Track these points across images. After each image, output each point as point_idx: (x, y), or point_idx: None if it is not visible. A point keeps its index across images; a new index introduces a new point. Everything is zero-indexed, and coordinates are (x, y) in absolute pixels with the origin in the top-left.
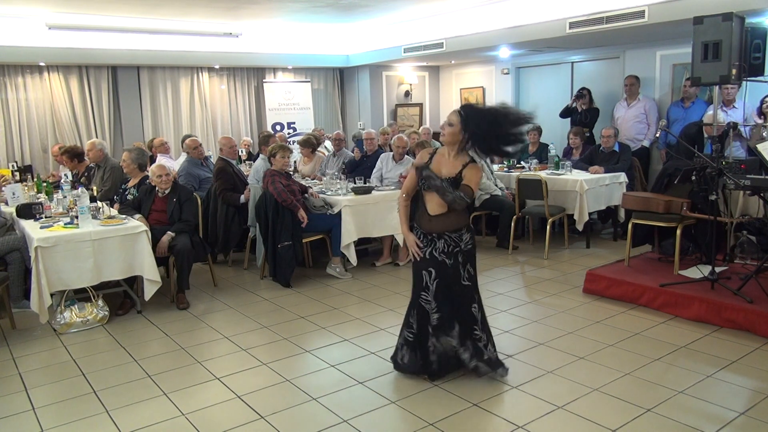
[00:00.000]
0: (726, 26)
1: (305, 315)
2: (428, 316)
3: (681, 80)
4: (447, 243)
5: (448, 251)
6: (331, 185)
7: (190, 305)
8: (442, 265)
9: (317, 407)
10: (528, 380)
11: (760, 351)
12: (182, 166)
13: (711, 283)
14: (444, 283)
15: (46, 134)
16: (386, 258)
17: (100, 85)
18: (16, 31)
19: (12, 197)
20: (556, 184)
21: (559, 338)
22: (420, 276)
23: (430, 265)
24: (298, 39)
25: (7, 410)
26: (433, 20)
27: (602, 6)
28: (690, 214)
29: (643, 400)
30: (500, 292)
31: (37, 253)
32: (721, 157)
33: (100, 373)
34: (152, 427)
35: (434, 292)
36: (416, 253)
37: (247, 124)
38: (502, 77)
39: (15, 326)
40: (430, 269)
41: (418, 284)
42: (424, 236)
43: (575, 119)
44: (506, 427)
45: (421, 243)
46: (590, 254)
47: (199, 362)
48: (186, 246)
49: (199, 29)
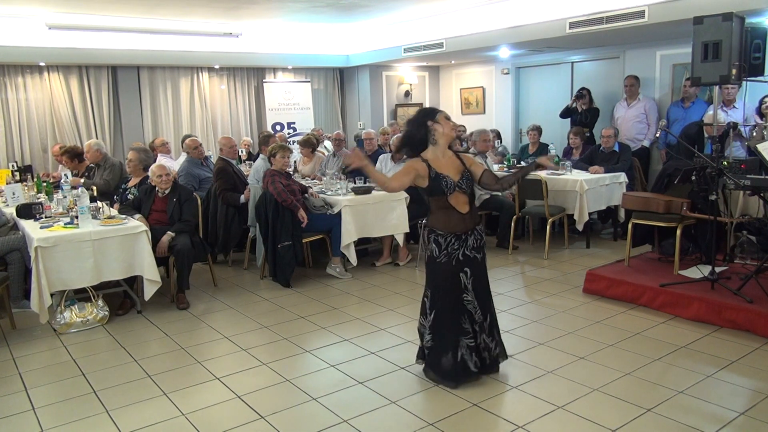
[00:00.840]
0: (726, 26)
1: (305, 315)
2: (473, 316)
3: (681, 80)
4: (476, 238)
5: (477, 246)
6: (331, 185)
7: (190, 305)
8: (474, 261)
9: (317, 407)
10: (528, 380)
11: (760, 351)
12: (182, 166)
13: (711, 283)
14: (478, 279)
15: (46, 134)
16: (386, 258)
17: (100, 85)
18: (16, 31)
19: (12, 197)
20: (556, 184)
21: (559, 338)
22: (456, 279)
23: (465, 265)
24: (298, 39)
25: (7, 410)
26: (433, 20)
27: (602, 6)
28: (690, 214)
29: (643, 400)
30: (500, 292)
31: (37, 253)
32: (721, 157)
33: (100, 373)
34: (152, 427)
35: (473, 291)
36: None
37: (247, 124)
38: (502, 77)
39: (15, 326)
40: (466, 269)
41: (454, 288)
42: (456, 238)
43: (575, 119)
44: (506, 427)
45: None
46: (590, 254)
47: (199, 362)
48: (186, 246)
49: (199, 29)
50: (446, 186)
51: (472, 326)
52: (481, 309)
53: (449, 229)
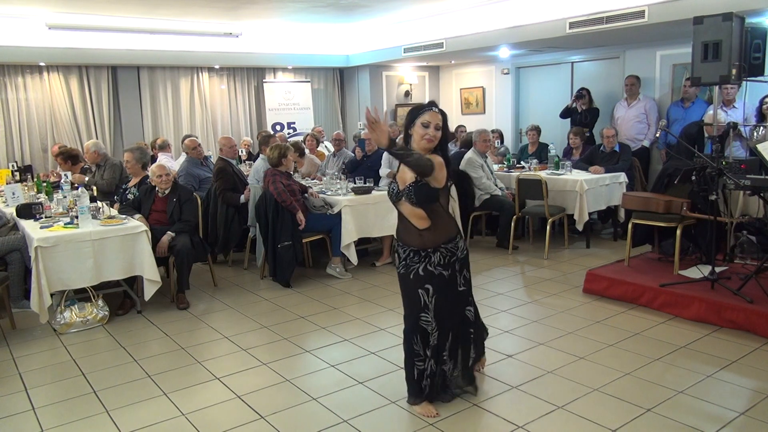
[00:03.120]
0: (726, 26)
1: (305, 315)
2: (426, 339)
3: (681, 80)
4: (443, 255)
5: (444, 263)
6: (331, 185)
7: (190, 305)
8: (438, 277)
9: (317, 407)
10: (528, 380)
11: (760, 351)
12: (182, 166)
13: (711, 283)
14: (441, 296)
15: (45, 134)
16: (386, 258)
17: (100, 85)
18: (16, 31)
19: (12, 197)
20: (556, 184)
21: (559, 338)
22: (414, 295)
23: (426, 282)
24: (298, 39)
25: (7, 410)
26: (433, 20)
27: (602, 6)
28: (690, 214)
29: (643, 400)
30: (500, 292)
31: (37, 253)
32: (721, 157)
33: (100, 373)
34: (152, 427)
35: (434, 310)
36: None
37: (247, 124)
38: (502, 77)
39: (15, 326)
40: (427, 286)
41: (416, 305)
42: (415, 253)
43: (575, 119)
44: (506, 427)
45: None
46: (590, 254)
47: (199, 362)
48: (186, 246)
49: (199, 29)
50: (390, 192)
51: (424, 349)
52: (440, 332)
53: (406, 242)
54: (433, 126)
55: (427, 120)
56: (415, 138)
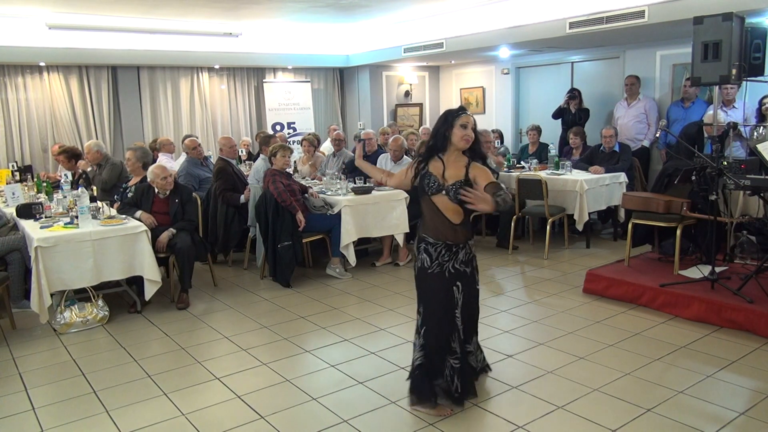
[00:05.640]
0: (726, 26)
1: (305, 315)
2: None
3: (681, 80)
4: (466, 252)
5: (466, 260)
6: (331, 185)
7: (190, 305)
8: (464, 275)
9: (317, 407)
10: (528, 380)
11: (760, 351)
12: (182, 166)
13: (711, 283)
14: (467, 292)
15: (45, 134)
16: (386, 258)
17: (100, 85)
18: (16, 31)
19: (12, 197)
20: (556, 184)
21: (559, 338)
22: (449, 293)
23: (457, 279)
24: (298, 39)
25: (7, 410)
26: (433, 20)
27: (602, 6)
28: (690, 214)
29: (643, 400)
30: (500, 292)
31: (37, 253)
32: (721, 157)
33: (100, 373)
34: (152, 427)
35: (461, 306)
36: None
37: (247, 124)
38: (502, 77)
39: (15, 326)
40: (458, 283)
41: (448, 303)
42: (446, 249)
43: (567, 120)
44: (506, 427)
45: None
46: (590, 254)
47: (199, 362)
48: (186, 244)
49: (199, 29)
50: (428, 185)
51: (461, 346)
52: (466, 328)
53: (438, 237)
54: (470, 127)
55: (465, 122)
56: (454, 139)
